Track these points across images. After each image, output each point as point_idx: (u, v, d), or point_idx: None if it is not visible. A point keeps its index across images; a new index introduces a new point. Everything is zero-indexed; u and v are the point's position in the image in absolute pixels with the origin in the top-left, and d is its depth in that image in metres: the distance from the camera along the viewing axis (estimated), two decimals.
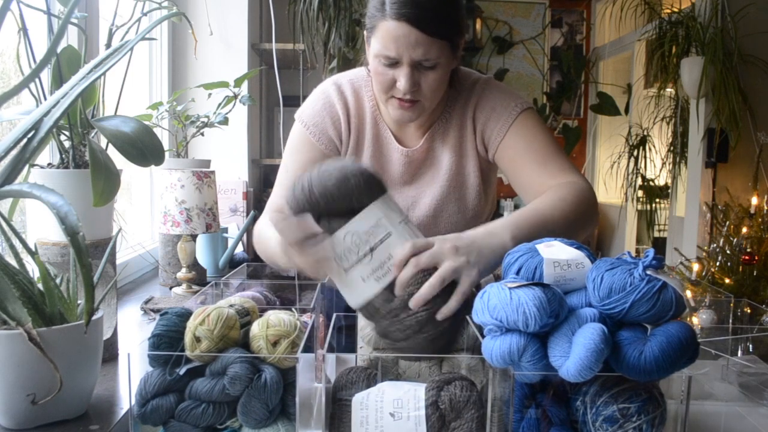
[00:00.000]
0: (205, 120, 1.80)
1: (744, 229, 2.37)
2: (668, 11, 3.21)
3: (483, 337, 0.84)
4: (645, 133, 3.91)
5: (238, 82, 1.81)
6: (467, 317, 0.95)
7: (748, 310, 1.20)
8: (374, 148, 1.26)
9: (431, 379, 0.78)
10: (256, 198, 2.72)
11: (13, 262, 0.87)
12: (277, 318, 0.81)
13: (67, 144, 1.06)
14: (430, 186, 1.27)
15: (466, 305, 0.92)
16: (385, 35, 1.07)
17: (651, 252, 0.74)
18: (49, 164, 1.09)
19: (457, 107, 1.23)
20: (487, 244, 0.90)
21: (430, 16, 1.05)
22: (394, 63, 1.09)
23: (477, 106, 1.22)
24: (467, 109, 1.23)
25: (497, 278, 1.15)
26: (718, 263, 2.33)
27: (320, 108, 1.24)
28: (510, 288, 0.73)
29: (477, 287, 1.10)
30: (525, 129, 1.18)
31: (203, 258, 1.89)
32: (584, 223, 1.05)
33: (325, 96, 1.25)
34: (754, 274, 2.23)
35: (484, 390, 0.77)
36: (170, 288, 1.74)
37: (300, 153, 1.24)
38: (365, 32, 1.15)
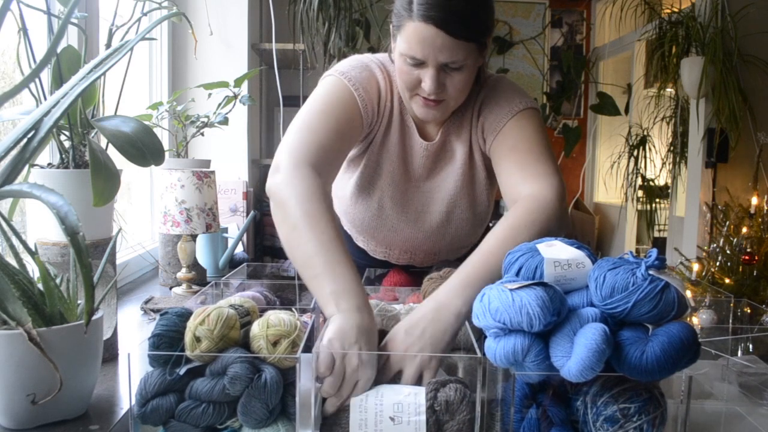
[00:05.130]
0: (205, 120, 1.80)
1: (744, 229, 2.37)
2: (668, 11, 3.21)
3: (477, 338, 0.84)
4: (645, 133, 3.91)
5: (238, 82, 1.81)
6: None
7: (748, 310, 1.20)
8: (400, 136, 1.24)
9: (429, 382, 0.78)
10: (256, 198, 2.72)
11: (13, 262, 0.86)
12: (277, 318, 0.81)
13: (67, 144, 1.06)
14: (445, 180, 1.26)
15: None
16: (411, 36, 1.05)
17: (654, 252, 0.73)
18: (49, 164, 1.09)
19: (469, 102, 1.22)
20: (438, 328, 0.86)
21: (457, 19, 1.02)
22: (419, 63, 1.07)
23: (484, 101, 1.21)
24: (476, 103, 1.22)
25: None
26: (718, 263, 2.33)
27: (367, 76, 1.19)
28: (511, 290, 0.73)
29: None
30: (517, 128, 1.16)
31: (203, 258, 1.89)
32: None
33: (369, 69, 1.21)
34: (754, 274, 2.23)
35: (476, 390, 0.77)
36: (170, 288, 1.74)
37: (341, 106, 1.14)
38: (391, 26, 1.13)
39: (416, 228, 1.31)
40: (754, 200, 2.57)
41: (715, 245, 2.39)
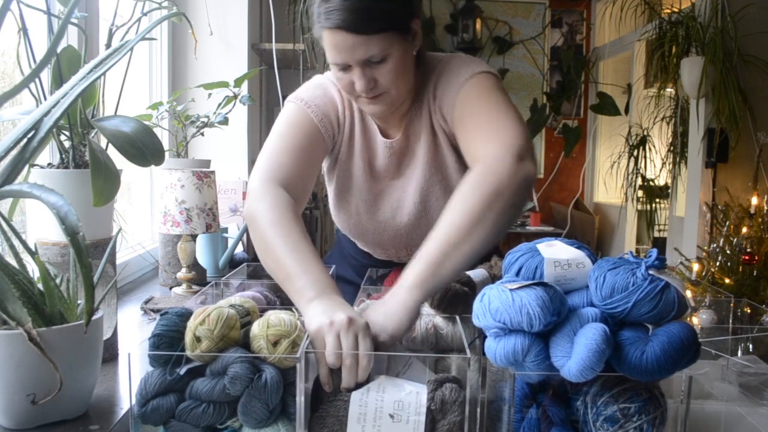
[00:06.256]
0: (205, 120, 1.80)
1: (744, 229, 2.37)
2: (668, 11, 3.21)
3: (471, 339, 0.84)
4: (645, 133, 3.91)
5: (238, 82, 1.81)
6: (456, 317, 0.95)
7: (748, 310, 1.20)
8: (363, 141, 1.26)
9: (429, 381, 0.78)
10: None
11: (13, 262, 0.86)
12: (278, 318, 0.81)
13: (67, 144, 1.06)
14: (414, 172, 1.27)
15: (465, 306, 0.92)
16: (327, 44, 1.08)
17: (654, 252, 0.74)
18: (49, 164, 1.09)
19: (423, 90, 1.23)
20: (391, 322, 0.86)
21: (358, 16, 1.04)
22: (345, 67, 1.10)
23: (437, 83, 1.21)
24: (429, 88, 1.22)
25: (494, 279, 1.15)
26: (718, 263, 2.33)
27: (321, 94, 1.24)
28: (511, 290, 0.73)
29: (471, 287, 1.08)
30: (469, 96, 1.15)
31: (203, 258, 1.89)
32: (503, 210, 0.95)
33: (323, 87, 1.26)
34: (754, 274, 2.23)
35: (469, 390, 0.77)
36: (170, 288, 1.74)
37: (299, 126, 1.20)
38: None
39: (396, 224, 1.32)
40: (754, 200, 2.57)
41: (715, 245, 2.39)
